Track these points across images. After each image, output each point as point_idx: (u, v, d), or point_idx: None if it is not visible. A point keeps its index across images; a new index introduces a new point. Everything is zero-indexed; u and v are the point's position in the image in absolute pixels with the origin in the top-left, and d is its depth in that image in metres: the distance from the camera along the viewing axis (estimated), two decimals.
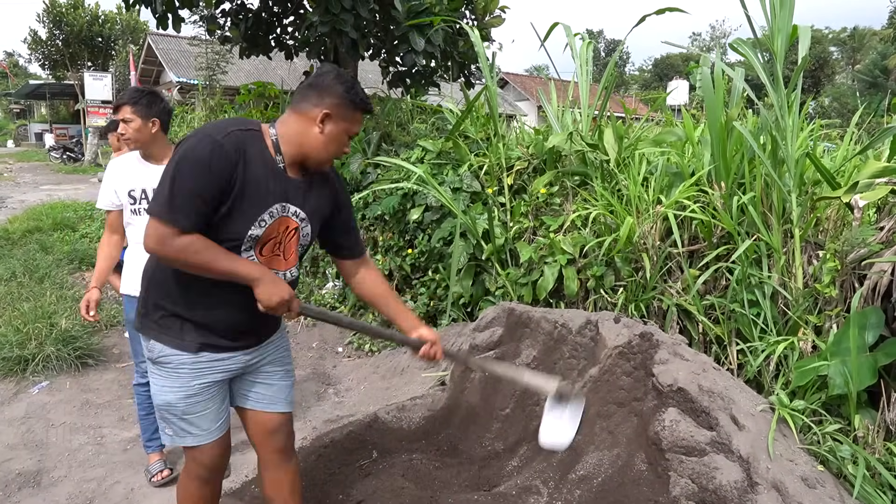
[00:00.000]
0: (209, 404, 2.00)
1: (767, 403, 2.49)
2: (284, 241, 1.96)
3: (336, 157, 1.98)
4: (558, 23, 4.49)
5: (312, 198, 2.00)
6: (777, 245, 2.92)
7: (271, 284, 1.82)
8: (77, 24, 25.94)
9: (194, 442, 2.02)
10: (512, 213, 4.07)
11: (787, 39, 2.87)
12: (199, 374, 1.95)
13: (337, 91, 1.86)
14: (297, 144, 1.89)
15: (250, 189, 1.79)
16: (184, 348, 1.91)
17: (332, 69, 1.92)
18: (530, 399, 3.16)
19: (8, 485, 3.07)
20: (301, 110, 1.89)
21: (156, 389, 1.99)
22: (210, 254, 1.76)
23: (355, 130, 1.96)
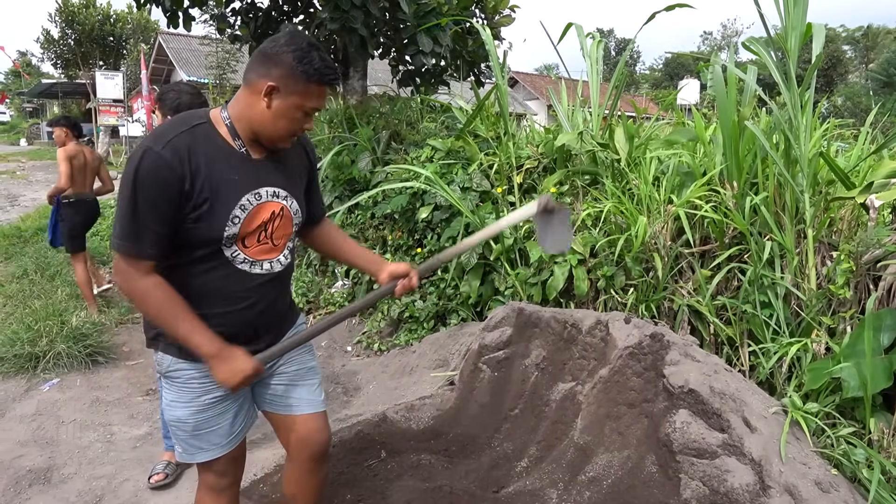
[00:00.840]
0: (220, 420, 1.89)
1: (780, 406, 2.46)
2: (270, 227, 1.80)
3: (292, 135, 1.75)
4: (572, 23, 4.47)
5: (287, 171, 1.85)
6: (790, 245, 2.89)
7: (227, 362, 1.70)
8: (89, 23, 26.11)
9: (205, 458, 1.92)
10: None
11: (801, 38, 2.84)
12: (208, 389, 1.84)
13: (286, 60, 1.62)
14: (246, 121, 1.70)
15: (212, 189, 1.64)
16: (191, 359, 1.80)
17: (286, 33, 1.68)
18: (540, 399, 3.14)
19: (19, 481, 3.09)
20: (249, 83, 1.68)
21: (166, 404, 1.90)
22: (171, 310, 1.65)
23: (311, 105, 1.70)
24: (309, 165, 1.99)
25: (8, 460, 3.27)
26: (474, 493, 2.73)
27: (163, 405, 1.96)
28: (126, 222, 1.59)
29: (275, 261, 1.85)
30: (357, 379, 4.31)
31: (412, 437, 3.27)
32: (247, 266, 1.78)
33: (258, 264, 1.81)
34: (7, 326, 4.85)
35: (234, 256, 1.75)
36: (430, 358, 4.00)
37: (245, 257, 1.77)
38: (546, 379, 3.19)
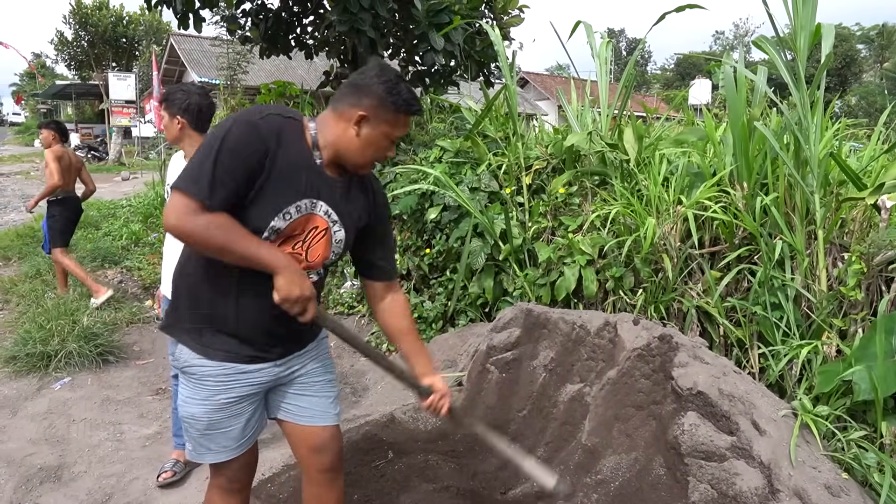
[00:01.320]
0: (234, 422, 1.85)
1: (790, 408, 2.44)
2: (309, 241, 1.79)
3: (377, 161, 1.83)
4: (581, 22, 4.45)
5: (349, 201, 1.85)
6: (800, 247, 2.86)
7: (297, 275, 1.67)
8: (102, 25, 26.37)
9: (213, 459, 1.90)
10: (530, 213, 4.04)
11: (810, 38, 2.82)
12: (226, 388, 1.81)
13: (376, 92, 1.71)
14: (332, 144, 1.76)
15: (280, 177, 1.67)
16: (209, 356, 1.78)
17: (375, 65, 1.78)
18: (548, 401, 3.14)
19: (30, 479, 3.12)
20: (339, 109, 1.75)
21: (181, 400, 1.86)
22: (233, 233, 1.61)
23: (397, 134, 1.79)
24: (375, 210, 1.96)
25: (20, 458, 3.30)
26: (481, 495, 2.72)
27: (178, 401, 1.90)
28: (198, 169, 1.59)
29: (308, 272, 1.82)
30: (365, 379, 4.32)
31: (420, 438, 3.27)
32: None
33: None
34: (20, 326, 4.89)
35: None
36: (438, 359, 3.99)
37: None
38: (554, 380, 3.18)
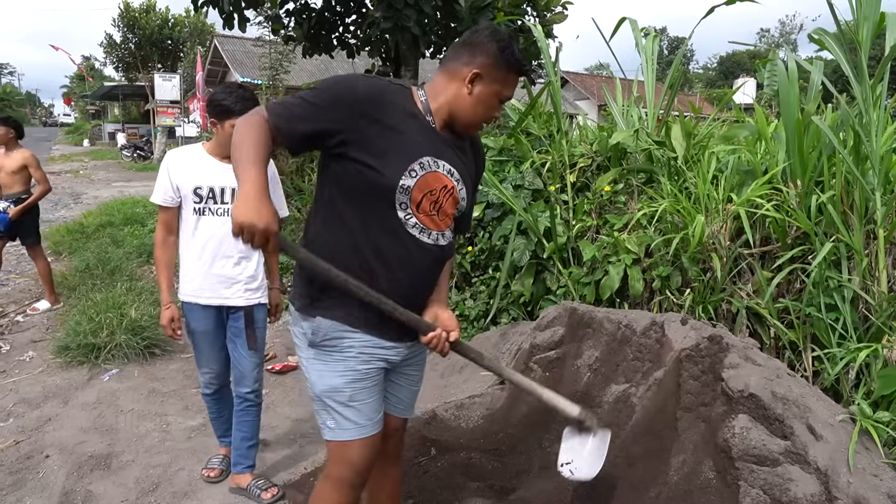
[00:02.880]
0: (374, 392, 1.84)
1: (847, 413, 2.35)
2: (442, 200, 1.79)
3: (486, 122, 1.86)
4: (626, 18, 4.38)
5: (464, 161, 1.88)
6: (858, 246, 2.76)
7: (256, 201, 1.51)
8: (149, 27, 27.08)
9: (356, 434, 1.82)
10: (575, 212, 3.99)
11: (874, 29, 2.71)
12: (365, 359, 1.80)
13: (490, 49, 1.72)
14: (445, 104, 1.77)
15: (394, 135, 1.69)
16: (355, 325, 1.76)
17: (487, 26, 1.80)
18: (593, 401, 3.08)
19: (81, 466, 3.19)
20: (450, 69, 1.77)
21: (316, 376, 1.82)
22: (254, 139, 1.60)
23: (507, 94, 1.81)
24: (478, 169, 2.00)
25: (71, 445, 3.38)
26: (525, 493, 2.69)
27: (313, 378, 1.83)
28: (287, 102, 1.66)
29: (441, 234, 1.84)
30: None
31: (462, 436, 3.25)
32: (416, 232, 1.77)
33: (427, 232, 1.79)
34: (71, 318, 5.03)
35: (406, 219, 1.74)
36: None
37: (416, 222, 1.76)
38: (599, 380, 3.13)
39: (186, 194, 2.74)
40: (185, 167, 2.76)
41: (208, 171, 2.77)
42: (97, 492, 2.98)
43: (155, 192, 2.79)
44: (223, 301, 2.82)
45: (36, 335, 5.16)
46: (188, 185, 2.74)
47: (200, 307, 2.82)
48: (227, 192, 2.77)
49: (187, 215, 2.77)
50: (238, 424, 2.94)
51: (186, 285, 2.83)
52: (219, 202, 2.76)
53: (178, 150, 2.87)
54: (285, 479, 3.06)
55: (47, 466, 3.19)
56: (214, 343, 2.90)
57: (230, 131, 2.58)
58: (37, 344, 4.95)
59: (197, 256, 2.77)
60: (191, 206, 2.75)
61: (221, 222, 2.76)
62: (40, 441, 3.44)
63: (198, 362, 2.98)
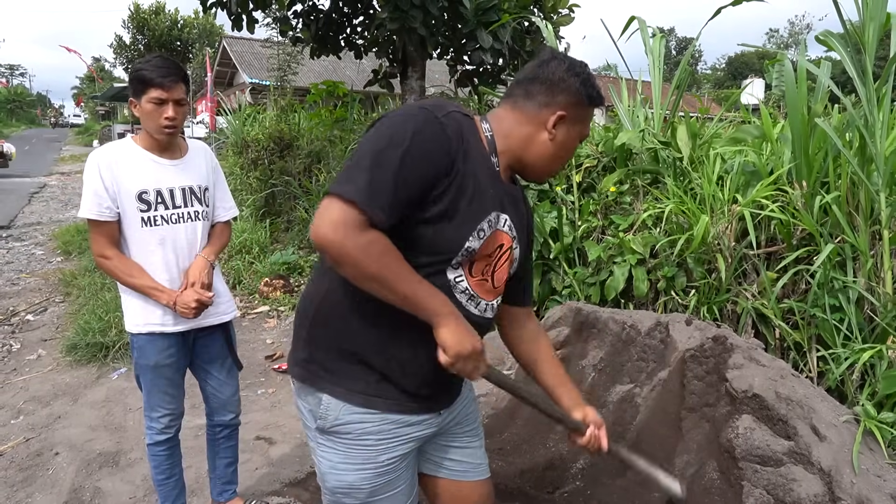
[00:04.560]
0: (399, 482, 1.52)
1: (852, 414, 2.35)
2: (495, 263, 1.50)
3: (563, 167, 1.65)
4: (634, 17, 4.39)
5: (521, 211, 1.59)
6: (864, 247, 2.76)
7: (464, 326, 1.36)
8: (158, 29, 27.29)
9: None
10: (580, 212, 4.00)
11: (879, 29, 2.71)
12: (388, 446, 1.47)
13: (572, 85, 1.46)
14: (518, 149, 1.50)
15: (469, 187, 1.37)
16: (372, 406, 1.43)
17: (559, 56, 1.51)
18: (597, 401, 3.09)
19: (90, 463, 3.23)
20: (525, 110, 1.49)
21: (327, 467, 1.49)
22: (396, 265, 1.30)
23: (587, 133, 1.57)
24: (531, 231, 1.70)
25: (80, 443, 3.42)
26: (528, 493, 2.71)
27: (321, 469, 1.51)
28: (366, 174, 1.28)
29: (489, 304, 1.53)
30: None
31: None
32: (465, 299, 1.46)
33: (476, 301, 1.49)
34: (80, 317, 5.08)
35: (456, 282, 1.44)
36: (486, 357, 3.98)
37: (467, 287, 1.46)
38: (603, 380, 3.14)
39: (127, 203, 2.25)
40: (121, 169, 2.25)
41: (151, 171, 2.31)
42: (105, 489, 3.01)
43: (84, 205, 2.22)
44: (193, 324, 2.38)
45: (46, 334, 5.21)
46: (130, 190, 2.25)
47: (162, 338, 2.34)
48: (178, 192, 2.34)
49: (131, 229, 2.28)
50: (221, 452, 2.72)
51: (140, 315, 2.32)
52: (170, 206, 2.32)
53: (105, 148, 2.33)
54: (291, 477, 3.09)
55: (56, 463, 3.23)
56: (176, 377, 2.46)
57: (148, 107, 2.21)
58: (46, 343, 5.01)
59: (158, 275, 2.30)
60: (136, 217, 2.26)
61: (182, 230, 2.35)
62: (50, 438, 3.48)
63: (151, 406, 2.46)
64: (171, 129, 2.27)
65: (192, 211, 2.39)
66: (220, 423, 2.68)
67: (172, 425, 2.53)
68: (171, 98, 2.22)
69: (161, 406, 2.46)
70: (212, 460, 2.76)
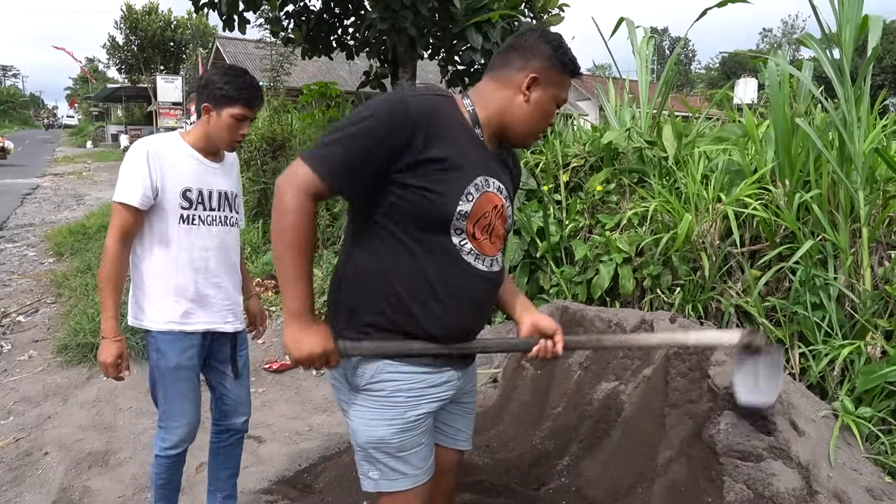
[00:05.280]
0: (423, 437, 1.67)
1: (830, 409, 2.39)
2: (494, 222, 1.65)
3: (543, 130, 1.72)
4: (624, 18, 4.42)
5: (508, 173, 1.75)
6: (844, 245, 2.80)
7: (306, 332, 1.51)
8: (151, 29, 27.27)
9: (407, 484, 1.66)
10: (568, 211, 4.03)
11: (856, 31, 2.75)
12: (416, 403, 1.62)
13: (544, 51, 1.59)
14: (497, 114, 1.63)
15: (450, 157, 1.52)
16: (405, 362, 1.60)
17: (535, 28, 1.66)
18: (583, 398, 3.12)
19: (79, 462, 3.24)
20: (501, 76, 1.63)
21: (360, 424, 1.63)
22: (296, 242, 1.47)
23: (564, 97, 1.67)
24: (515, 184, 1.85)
25: (70, 443, 3.43)
26: (514, 489, 2.74)
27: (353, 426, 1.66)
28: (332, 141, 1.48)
29: (495, 259, 1.68)
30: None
31: None
32: (472, 258, 1.61)
33: (483, 259, 1.63)
34: (72, 318, 5.08)
35: (461, 245, 1.59)
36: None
37: (472, 248, 1.60)
38: (589, 378, 3.17)
39: (171, 197, 2.24)
40: (170, 163, 2.25)
41: (196, 171, 2.32)
42: (94, 488, 3.02)
43: (126, 190, 2.18)
44: (212, 326, 2.34)
45: (37, 335, 5.21)
46: (176, 186, 2.25)
47: (184, 336, 2.27)
48: (216, 195, 2.36)
49: (167, 224, 2.26)
50: (225, 461, 2.60)
51: (164, 312, 2.25)
52: (208, 208, 2.34)
53: (154, 138, 2.32)
54: (279, 475, 3.11)
55: (46, 463, 3.24)
56: (194, 381, 2.37)
57: (228, 121, 2.23)
58: (38, 343, 5.01)
59: (186, 274, 2.27)
60: (176, 213, 2.25)
61: (215, 232, 2.36)
62: (40, 438, 3.50)
63: (170, 414, 2.34)
64: (240, 143, 2.38)
65: (225, 216, 2.40)
66: (230, 428, 2.55)
67: (189, 438, 2.41)
68: (251, 118, 2.30)
69: (182, 415, 2.34)
70: (213, 471, 2.61)
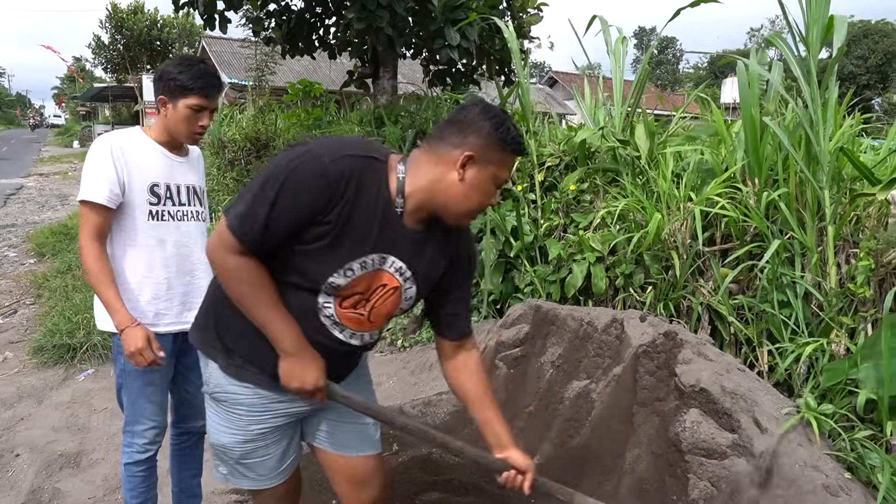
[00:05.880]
0: (270, 450, 1.71)
1: (794, 407, 2.40)
2: (374, 300, 1.60)
3: (481, 210, 1.60)
4: (596, 16, 4.43)
5: (428, 253, 1.64)
6: (810, 244, 2.82)
7: (300, 365, 1.54)
8: (137, 28, 27.10)
9: (251, 486, 1.76)
10: (543, 210, 4.04)
11: (823, 31, 2.77)
12: (258, 418, 1.66)
13: (483, 128, 1.49)
14: (428, 191, 1.53)
15: (348, 229, 1.48)
16: (242, 379, 1.63)
17: (477, 101, 1.57)
18: (554, 397, 3.14)
19: (51, 464, 3.23)
20: (437, 150, 1.54)
21: (210, 426, 1.72)
22: (257, 292, 1.49)
23: (503, 176, 1.57)
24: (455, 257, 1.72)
25: (42, 444, 3.42)
26: (482, 488, 2.74)
27: (207, 425, 1.74)
28: (250, 204, 1.44)
29: (358, 334, 1.66)
30: (377, 374, 4.36)
31: None
32: (329, 323, 1.60)
33: (340, 328, 1.62)
34: (49, 319, 5.05)
35: (324, 306, 1.57)
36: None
37: (332, 314, 1.59)
38: (561, 377, 3.18)
39: (137, 193, 2.18)
40: (135, 158, 2.19)
41: (162, 165, 2.27)
42: (65, 489, 3.02)
43: (92, 188, 2.10)
44: (183, 327, 2.24)
45: (14, 336, 5.18)
46: (142, 181, 2.19)
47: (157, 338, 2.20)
48: (184, 190, 2.32)
49: (135, 221, 2.20)
50: (188, 462, 2.58)
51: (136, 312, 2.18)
52: (177, 203, 2.29)
53: (116, 134, 2.24)
54: None
55: (17, 465, 3.23)
56: (164, 384, 2.35)
57: (185, 112, 2.15)
58: (14, 345, 4.98)
59: (155, 273, 2.23)
60: (145, 209, 2.20)
61: (186, 228, 2.32)
62: (11, 440, 3.48)
63: (136, 418, 2.30)
64: (201, 136, 2.28)
65: (194, 210, 2.37)
66: (189, 431, 2.54)
67: (157, 441, 2.36)
68: (210, 108, 2.21)
69: (148, 418, 2.30)
70: (176, 473, 2.60)
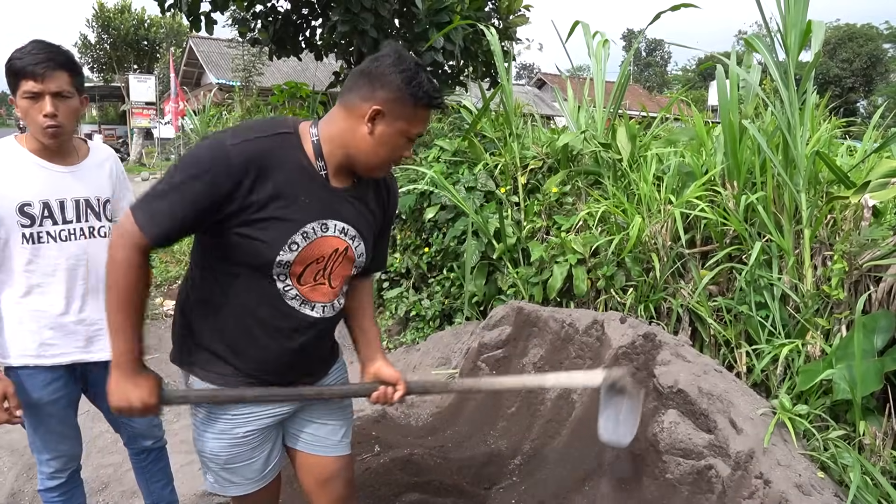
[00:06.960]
0: (256, 452, 1.72)
1: (769, 407, 2.43)
2: (331, 266, 1.61)
3: (393, 163, 1.59)
4: (579, 21, 4.46)
5: (363, 209, 1.65)
6: (788, 246, 2.85)
7: (127, 382, 1.51)
8: (124, 28, 26.92)
9: (239, 492, 1.75)
10: (525, 213, 4.06)
11: (801, 36, 2.80)
12: (243, 422, 1.67)
13: (393, 82, 1.45)
14: (341, 146, 1.53)
15: (277, 205, 1.47)
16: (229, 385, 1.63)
17: (392, 51, 1.50)
18: (536, 398, 3.16)
19: (31, 467, 3.21)
20: (349, 104, 1.51)
21: (196, 433, 1.72)
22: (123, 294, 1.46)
23: (415, 131, 1.55)
24: (388, 211, 1.78)
25: (22, 447, 3.38)
26: (464, 489, 2.75)
27: (194, 435, 1.73)
28: (156, 196, 1.44)
29: (328, 305, 1.66)
30: (362, 376, 4.36)
31: (410, 434, 3.31)
32: (297, 304, 1.60)
33: (310, 305, 1.62)
34: None
35: (286, 290, 1.57)
36: (433, 356, 4.03)
37: (297, 294, 1.59)
38: None
39: (6, 216, 1.91)
40: (1, 176, 1.92)
41: (39, 180, 1.97)
42: None
43: None
44: (83, 356, 2.07)
45: None
46: (9, 202, 1.91)
47: (44, 371, 2.02)
48: (70, 205, 2.01)
49: (10, 246, 1.94)
50: (154, 475, 2.47)
51: (17, 345, 1.99)
52: (60, 222, 1.99)
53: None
54: None
55: None
56: (67, 415, 2.13)
57: (24, 104, 1.88)
58: None
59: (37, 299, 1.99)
60: (17, 232, 1.93)
61: (72, 249, 2.03)
62: None
63: (39, 447, 2.12)
64: (53, 128, 1.91)
65: (90, 227, 2.07)
66: (143, 449, 2.42)
67: (67, 468, 2.20)
68: (48, 90, 1.86)
69: (51, 448, 2.13)
70: (146, 487, 2.50)
